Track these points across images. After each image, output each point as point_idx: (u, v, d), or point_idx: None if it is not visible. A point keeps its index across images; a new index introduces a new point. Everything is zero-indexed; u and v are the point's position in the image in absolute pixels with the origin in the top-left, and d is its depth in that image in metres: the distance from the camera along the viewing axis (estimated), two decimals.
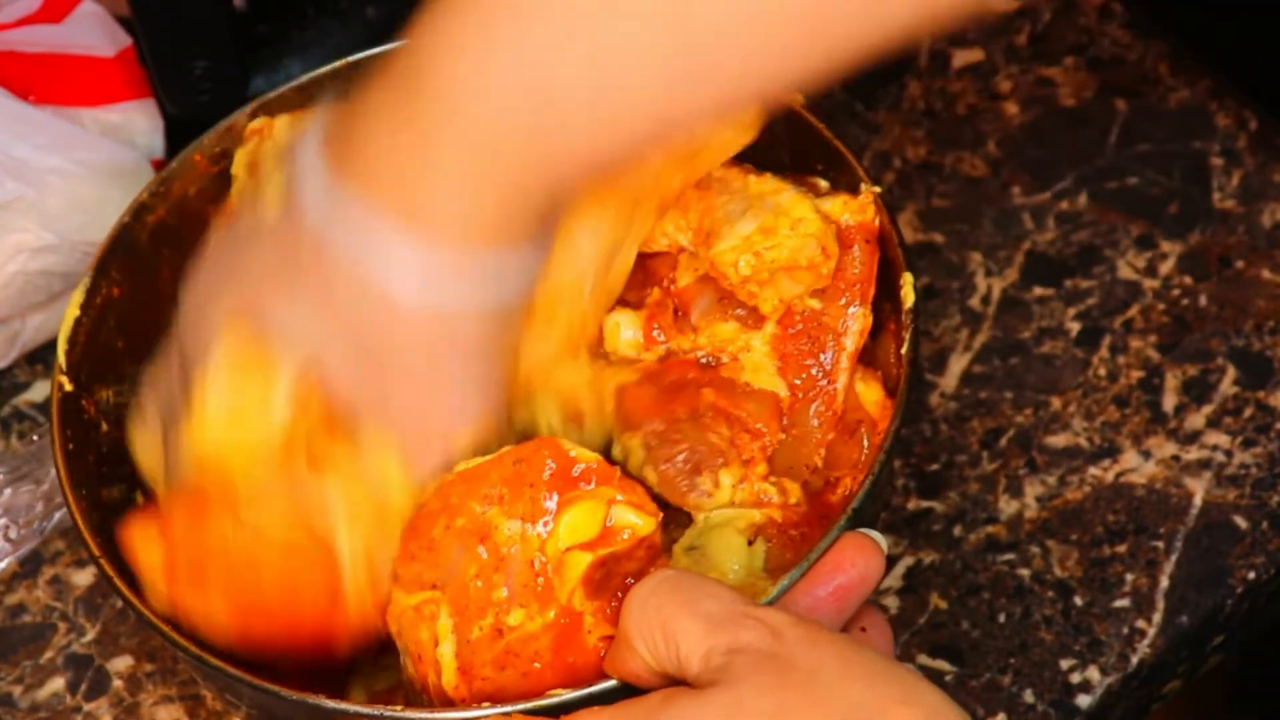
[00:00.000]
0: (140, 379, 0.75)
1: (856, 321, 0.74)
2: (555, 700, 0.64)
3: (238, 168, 0.81)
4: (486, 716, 0.64)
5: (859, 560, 0.66)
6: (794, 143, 0.79)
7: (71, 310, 0.77)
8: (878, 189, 0.75)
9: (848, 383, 0.74)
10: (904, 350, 0.72)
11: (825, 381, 0.74)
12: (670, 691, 0.60)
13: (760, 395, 0.74)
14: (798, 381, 0.74)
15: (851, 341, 0.74)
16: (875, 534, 0.67)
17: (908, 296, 0.73)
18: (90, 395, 0.77)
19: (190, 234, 0.81)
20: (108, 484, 0.76)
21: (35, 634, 0.86)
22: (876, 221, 0.75)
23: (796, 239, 0.72)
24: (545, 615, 0.66)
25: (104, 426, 0.78)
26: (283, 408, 0.67)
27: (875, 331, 0.75)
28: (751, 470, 0.73)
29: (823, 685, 0.58)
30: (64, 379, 0.76)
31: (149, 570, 0.70)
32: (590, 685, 0.64)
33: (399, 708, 0.67)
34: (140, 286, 0.80)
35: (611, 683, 0.64)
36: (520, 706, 0.64)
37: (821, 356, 0.74)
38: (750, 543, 0.72)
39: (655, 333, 0.76)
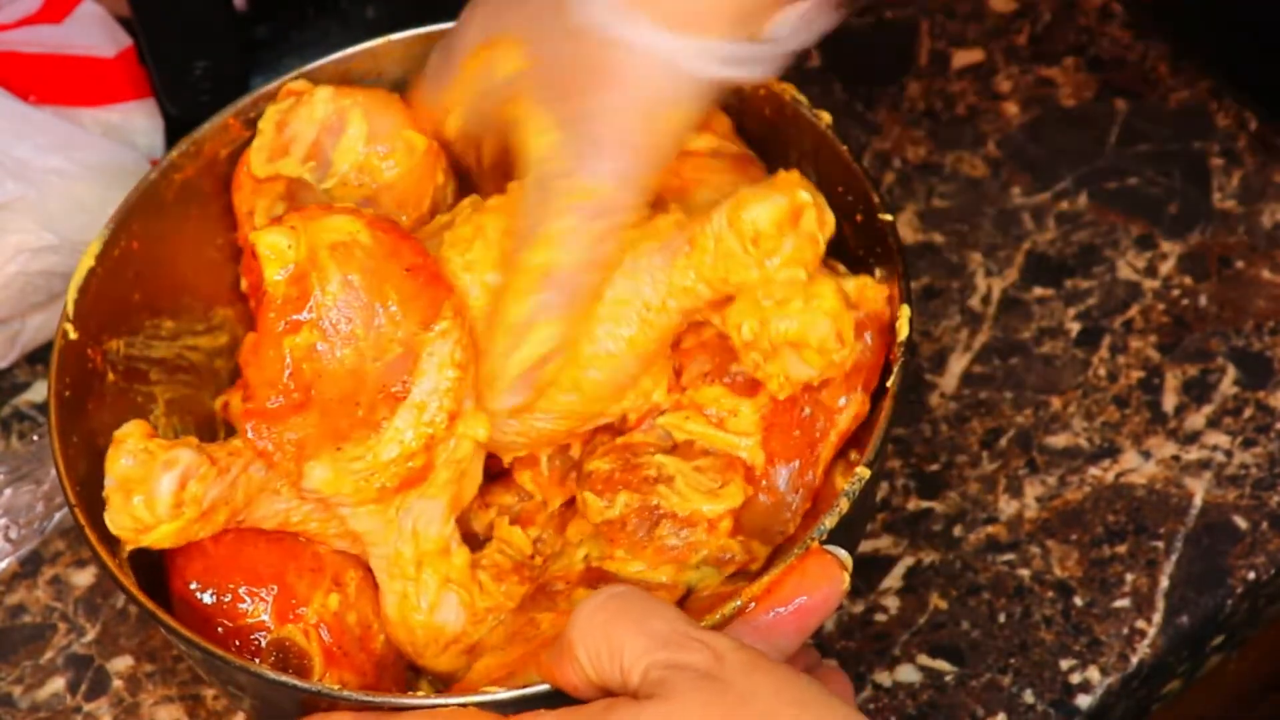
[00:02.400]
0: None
1: (853, 406, 0.73)
2: (493, 697, 0.65)
3: (266, 123, 0.81)
4: (437, 706, 0.65)
5: (823, 581, 0.67)
6: (817, 164, 0.79)
7: (86, 260, 0.77)
8: (893, 277, 0.74)
9: (829, 458, 0.73)
10: (890, 383, 0.72)
11: (808, 452, 0.73)
12: (613, 700, 0.61)
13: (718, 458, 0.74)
14: (780, 450, 0.73)
15: (844, 421, 0.73)
16: (841, 552, 0.67)
17: (903, 329, 0.73)
18: (98, 344, 0.77)
19: (219, 195, 0.82)
20: (106, 433, 0.76)
21: (35, 634, 0.86)
22: (889, 314, 0.74)
23: (808, 314, 0.70)
24: None
25: (110, 376, 0.78)
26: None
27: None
28: (716, 526, 0.72)
29: (756, 708, 0.59)
30: (69, 326, 0.76)
31: None
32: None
33: (393, 694, 0.69)
34: (163, 243, 0.81)
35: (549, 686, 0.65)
36: (460, 700, 0.65)
37: (810, 429, 0.73)
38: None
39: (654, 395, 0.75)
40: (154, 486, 0.68)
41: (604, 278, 0.72)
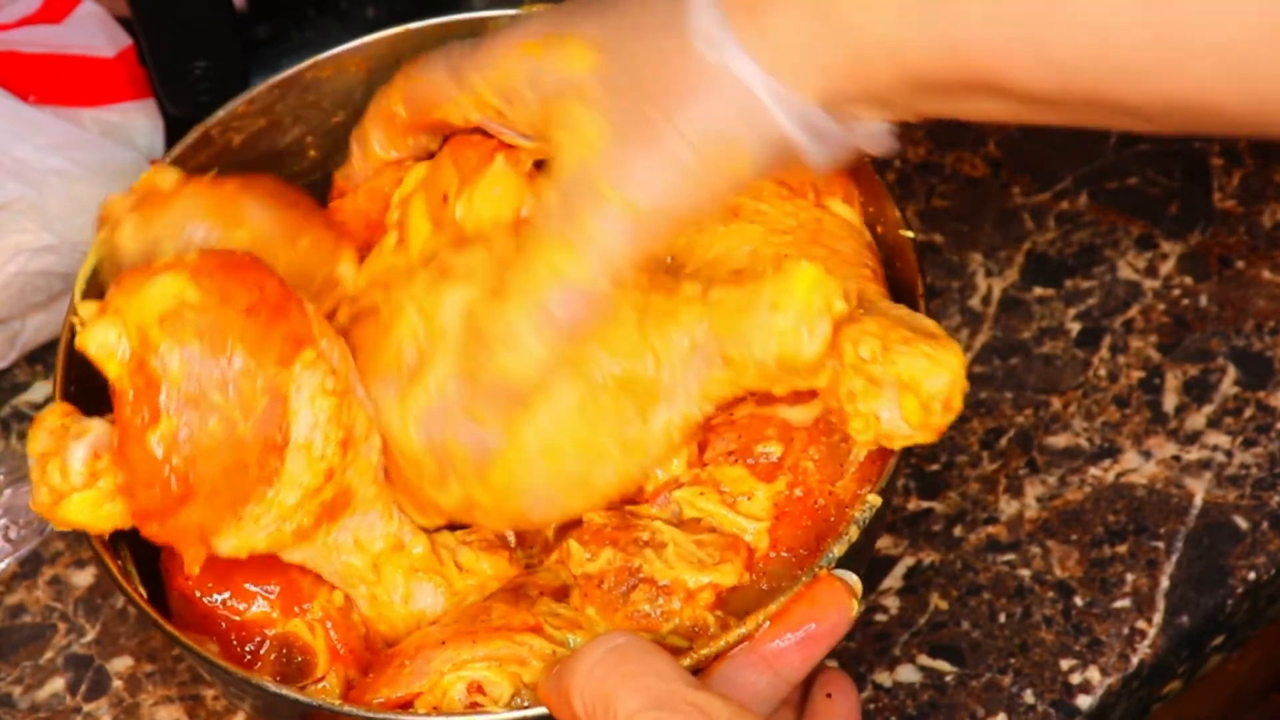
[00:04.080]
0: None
1: (868, 499, 0.70)
2: (495, 718, 0.65)
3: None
4: None
5: (831, 609, 0.66)
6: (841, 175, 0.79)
7: (97, 250, 0.77)
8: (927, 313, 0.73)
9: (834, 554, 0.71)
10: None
11: (814, 544, 0.71)
12: None
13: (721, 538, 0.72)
14: (786, 538, 0.71)
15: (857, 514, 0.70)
16: (851, 577, 0.67)
17: None
18: None
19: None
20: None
21: (35, 634, 0.86)
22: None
23: (933, 363, 0.67)
24: None
25: None
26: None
27: None
28: (694, 598, 0.70)
29: None
30: (76, 320, 0.76)
31: None
32: None
33: (397, 710, 0.68)
34: None
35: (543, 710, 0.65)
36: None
37: (821, 521, 0.71)
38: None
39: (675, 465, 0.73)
40: (67, 454, 0.68)
41: (614, 311, 0.68)
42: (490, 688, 0.68)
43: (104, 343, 0.67)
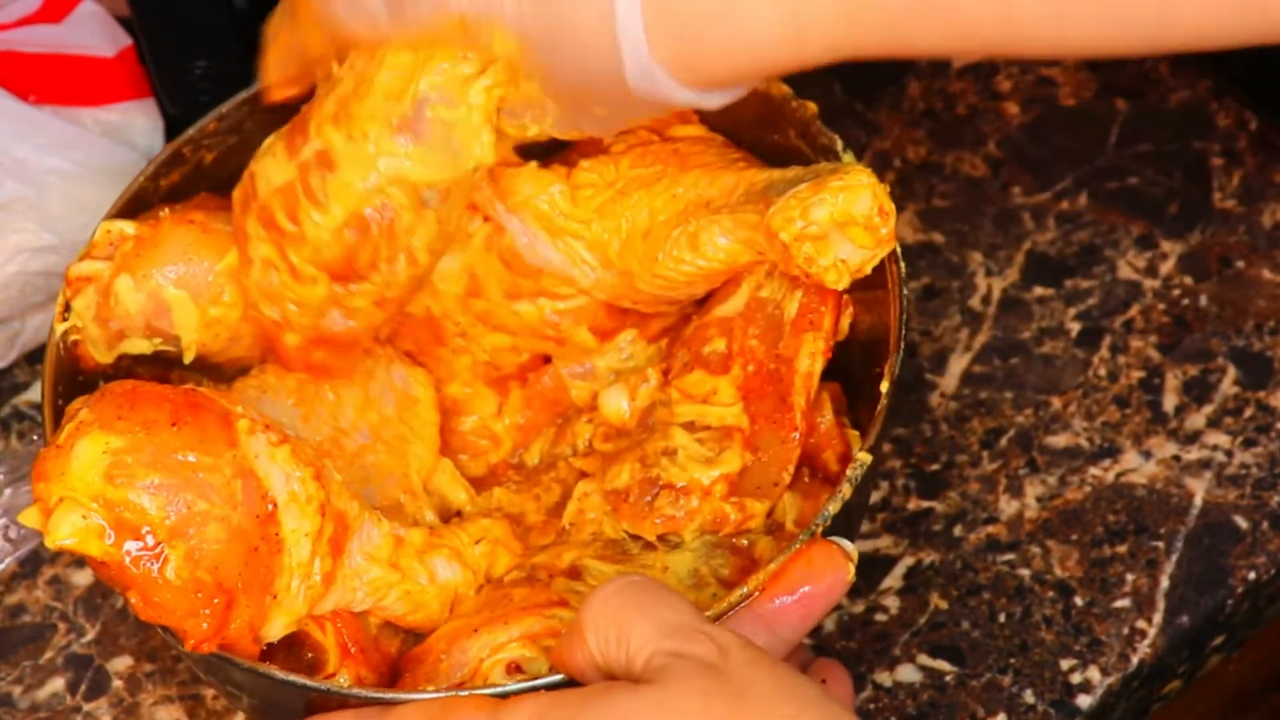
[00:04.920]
0: None
1: (806, 344, 0.75)
2: (504, 690, 0.65)
3: (82, 319, 0.77)
4: (450, 698, 0.65)
5: (827, 570, 0.67)
6: (805, 138, 0.80)
7: (73, 319, 0.77)
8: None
9: (804, 404, 0.75)
10: (887, 367, 0.73)
11: (782, 403, 0.75)
12: (609, 683, 0.62)
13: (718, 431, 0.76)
14: (760, 410, 0.76)
15: (804, 365, 0.75)
16: (845, 543, 0.68)
17: (894, 367, 0.73)
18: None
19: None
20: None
21: (35, 634, 0.86)
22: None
23: (847, 191, 0.72)
24: None
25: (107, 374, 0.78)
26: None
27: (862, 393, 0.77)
28: (710, 492, 0.74)
29: (752, 700, 0.59)
30: (59, 318, 0.77)
31: None
32: None
33: (390, 689, 0.69)
34: None
35: (559, 677, 0.65)
36: (474, 692, 0.65)
37: (779, 383, 0.75)
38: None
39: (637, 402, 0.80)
40: None
41: None
42: (528, 665, 0.70)
43: (81, 534, 0.66)
